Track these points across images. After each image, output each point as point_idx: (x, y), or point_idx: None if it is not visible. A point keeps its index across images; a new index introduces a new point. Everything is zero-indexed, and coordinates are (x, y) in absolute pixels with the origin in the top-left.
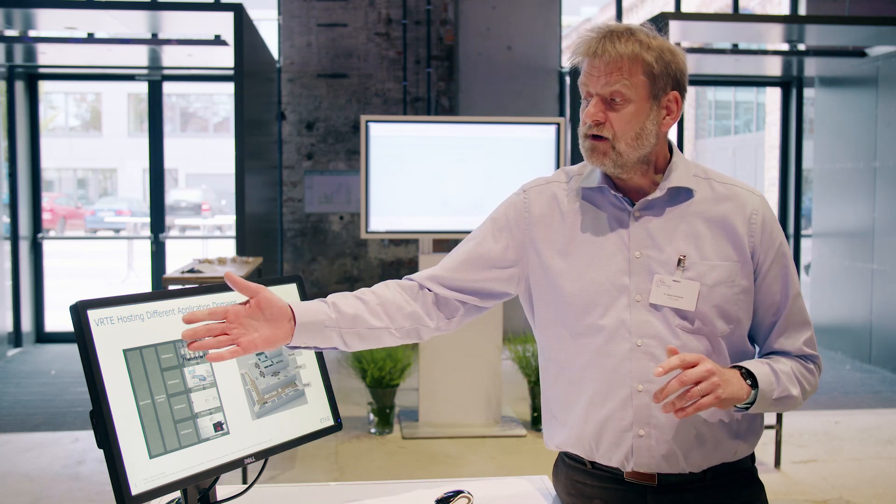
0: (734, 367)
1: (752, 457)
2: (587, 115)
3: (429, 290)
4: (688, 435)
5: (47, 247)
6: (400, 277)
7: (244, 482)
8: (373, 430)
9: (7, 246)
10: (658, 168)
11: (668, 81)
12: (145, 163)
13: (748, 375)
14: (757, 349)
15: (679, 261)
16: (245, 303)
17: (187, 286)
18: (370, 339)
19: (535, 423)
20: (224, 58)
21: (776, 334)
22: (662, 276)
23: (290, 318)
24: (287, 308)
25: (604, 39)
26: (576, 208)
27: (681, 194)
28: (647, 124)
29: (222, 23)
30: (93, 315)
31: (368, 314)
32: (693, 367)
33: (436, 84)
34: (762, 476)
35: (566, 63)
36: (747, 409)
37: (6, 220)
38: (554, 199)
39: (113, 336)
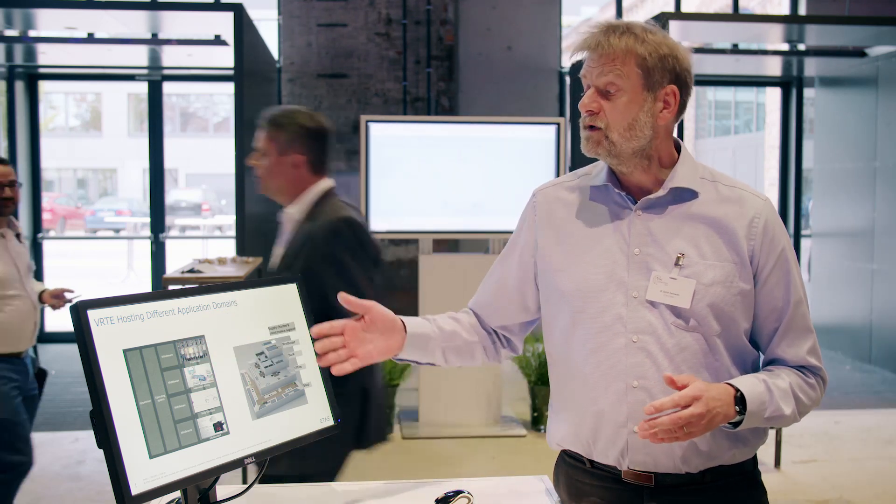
0: (730, 385)
1: (753, 460)
2: (581, 105)
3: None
4: None
5: (47, 247)
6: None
7: (244, 482)
8: None
9: None
10: (663, 165)
11: (664, 75)
12: (145, 163)
13: (740, 401)
14: (761, 356)
15: (677, 259)
16: (359, 318)
17: (187, 286)
18: (465, 354)
19: (535, 423)
20: (224, 58)
21: (777, 341)
22: (659, 273)
23: (401, 330)
24: (399, 321)
25: (602, 34)
26: (580, 206)
27: (685, 195)
28: (640, 115)
29: (222, 23)
30: (93, 315)
31: (463, 330)
32: (687, 406)
33: (436, 84)
34: (762, 476)
35: (568, 59)
36: (735, 427)
37: None
38: (560, 198)
39: (113, 336)
